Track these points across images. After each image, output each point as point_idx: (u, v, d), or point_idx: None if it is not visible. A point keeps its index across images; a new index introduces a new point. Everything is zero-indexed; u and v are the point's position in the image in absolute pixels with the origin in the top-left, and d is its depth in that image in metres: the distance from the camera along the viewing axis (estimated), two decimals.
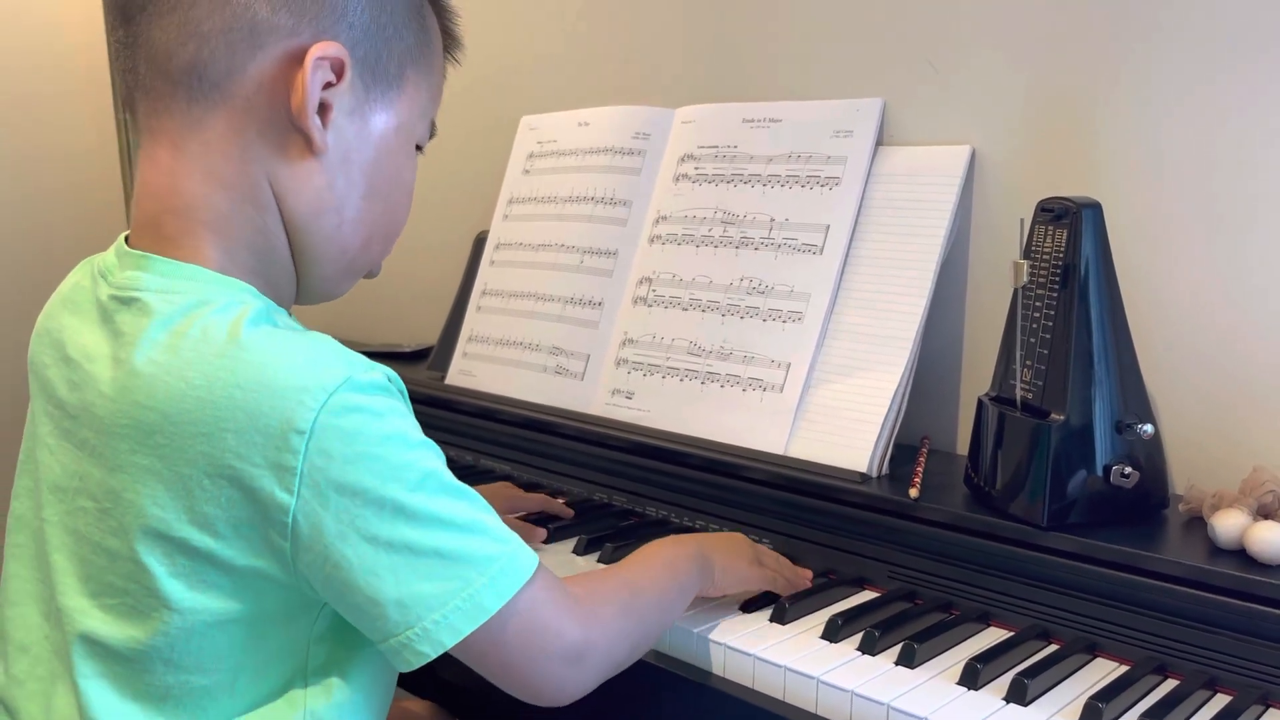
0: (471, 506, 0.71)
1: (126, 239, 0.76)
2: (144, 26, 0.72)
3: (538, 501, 1.15)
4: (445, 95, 0.84)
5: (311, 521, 0.66)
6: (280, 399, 0.66)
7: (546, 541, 1.08)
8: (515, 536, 0.72)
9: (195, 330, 0.69)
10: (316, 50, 0.71)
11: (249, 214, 0.74)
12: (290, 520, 0.67)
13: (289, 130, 0.73)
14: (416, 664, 0.69)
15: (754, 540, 1.05)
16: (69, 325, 0.76)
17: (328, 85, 0.72)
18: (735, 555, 0.92)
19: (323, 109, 0.73)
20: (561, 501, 1.17)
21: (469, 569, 0.68)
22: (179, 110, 0.72)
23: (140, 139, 0.75)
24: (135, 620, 0.70)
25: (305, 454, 0.65)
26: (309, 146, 0.73)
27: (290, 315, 0.77)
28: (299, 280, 0.79)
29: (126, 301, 0.72)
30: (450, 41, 0.85)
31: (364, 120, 0.76)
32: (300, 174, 0.74)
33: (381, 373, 0.70)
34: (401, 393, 0.73)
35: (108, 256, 0.77)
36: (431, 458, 0.70)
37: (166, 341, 0.69)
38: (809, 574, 0.98)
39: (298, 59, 0.71)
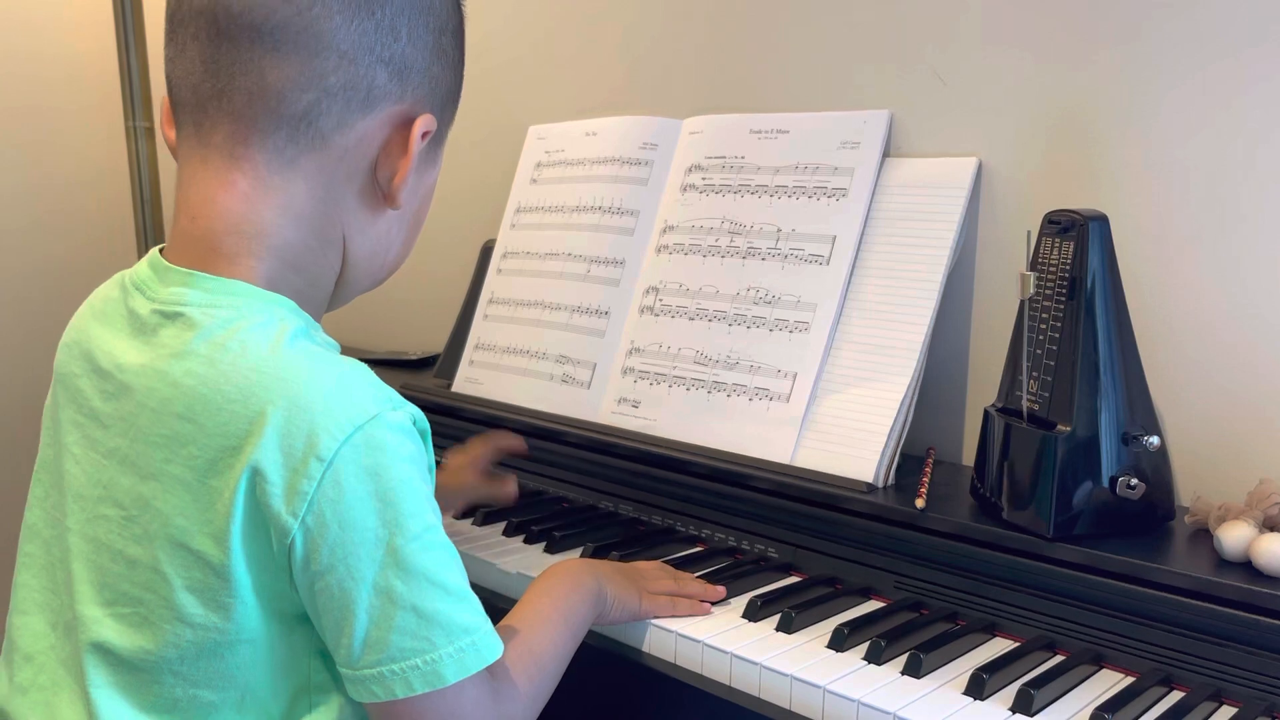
0: (459, 572, 0.72)
1: (161, 251, 0.78)
2: (255, 57, 0.72)
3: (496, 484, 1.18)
4: None
5: (308, 547, 0.68)
6: (309, 422, 0.68)
7: (550, 550, 1.08)
8: (488, 620, 0.73)
9: (234, 344, 0.70)
10: (421, 124, 0.77)
11: (313, 246, 0.77)
12: (290, 541, 0.68)
13: (369, 181, 0.77)
14: (363, 699, 0.70)
15: (758, 551, 1.05)
16: (97, 335, 0.77)
17: None
18: (626, 587, 0.93)
19: None
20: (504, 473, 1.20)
21: (439, 634, 0.70)
22: (273, 145, 0.74)
23: (206, 155, 0.75)
24: (146, 631, 0.71)
25: (320, 482, 0.67)
26: (387, 199, 0.78)
27: (321, 329, 0.79)
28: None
29: (171, 316, 0.73)
30: None
31: (423, 174, 0.81)
32: (372, 221, 0.79)
33: (407, 413, 0.72)
34: (424, 434, 0.74)
35: (140, 270, 0.78)
36: (434, 513, 0.72)
37: (206, 353, 0.71)
38: (721, 590, 0.97)
39: (399, 124, 0.76)
